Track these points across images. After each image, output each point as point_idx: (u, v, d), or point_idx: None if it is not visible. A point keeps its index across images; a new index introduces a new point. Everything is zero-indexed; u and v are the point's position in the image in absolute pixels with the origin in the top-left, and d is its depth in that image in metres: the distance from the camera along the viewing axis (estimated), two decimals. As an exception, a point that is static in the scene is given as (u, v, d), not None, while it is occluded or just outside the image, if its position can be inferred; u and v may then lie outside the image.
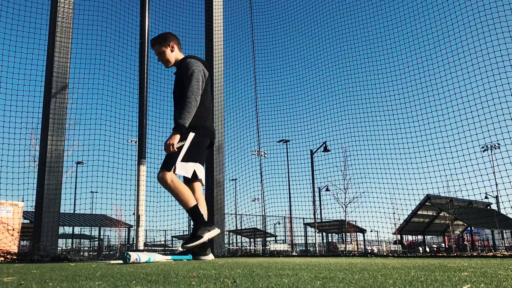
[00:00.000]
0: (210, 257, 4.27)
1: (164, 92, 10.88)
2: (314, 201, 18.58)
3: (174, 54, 4.36)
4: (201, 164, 4.33)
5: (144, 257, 3.60)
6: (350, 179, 16.56)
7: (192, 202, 4.03)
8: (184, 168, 4.05)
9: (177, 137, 3.93)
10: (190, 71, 4.06)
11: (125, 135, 9.23)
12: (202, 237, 3.95)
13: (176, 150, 3.94)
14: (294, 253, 19.53)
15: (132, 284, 1.62)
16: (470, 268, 2.70)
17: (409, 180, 10.74)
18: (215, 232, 4.10)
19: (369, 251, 27.10)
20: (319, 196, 26.55)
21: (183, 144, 4.00)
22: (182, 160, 4.00)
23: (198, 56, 4.53)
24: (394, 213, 15.96)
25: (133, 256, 3.48)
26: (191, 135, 4.07)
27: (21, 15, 7.90)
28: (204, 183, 4.46)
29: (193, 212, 4.04)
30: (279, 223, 29.00)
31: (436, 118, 10.33)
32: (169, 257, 4.15)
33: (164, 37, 4.40)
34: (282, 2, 12.82)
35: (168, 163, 3.99)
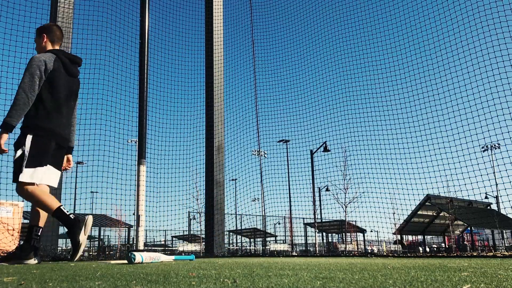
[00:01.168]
0: (33, 261, 3.83)
1: (164, 92, 10.88)
2: (314, 201, 18.56)
3: (44, 46, 4.08)
4: (54, 167, 3.93)
5: (148, 259, 3.60)
6: (350, 179, 16.54)
7: (55, 205, 3.68)
8: (31, 174, 3.65)
9: (4, 137, 3.59)
10: (27, 66, 3.74)
11: (125, 135, 9.23)
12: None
13: (17, 155, 3.66)
14: (294, 253, 19.52)
15: (132, 284, 1.62)
16: (470, 268, 2.70)
17: (409, 180, 10.75)
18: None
19: (369, 251, 27.10)
20: (319, 196, 26.53)
21: (24, 150, 3.65)
22: (27, 166, 3.63)
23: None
24: (394, 213, 15.95)
25: (138, 257, 3.48)
26: (29, 138, 3.68)
27: (21, 15, 7.90)
28: (55, 187, 3.94)
29: (59, 217, 3.68)
30: (279, 223, 28.98)
31: (436, 118, 10.34)
32: (173, 257, 4.17)
33: (41, 27, 4.16)
34: (282, 3, 12.82)
35: (16, 173, 3.65)
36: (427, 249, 27.39)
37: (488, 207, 23.35)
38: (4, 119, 3.58)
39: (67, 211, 3.69)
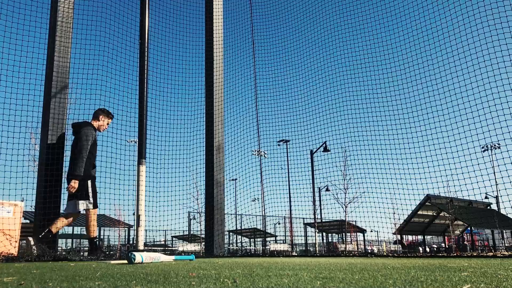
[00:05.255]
0: None
1: (164, 92, 10.89)
2: (314, 201, 18.55)
3: None
4: None
5: (148, 259, 3.59)
6: (350, 179, 16.52)
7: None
8: None
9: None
10: None
11: (125, 135, 9.23)
12: None
13: None
14: (294, 253, 19.51)
15: (132, 284, 1.62)
16: (470, 268, 2.70)
17: (409, 180, 10.74)
18: None
19: (369, 251, 27.09)
20: (319, 196, 26.51)
21: None
22: None
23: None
24: (394, 213, 15.92)
25: (138, 257, 3.48)
26: None
27: (22, 13, 7.90)
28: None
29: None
30: (279, 223, 28.96)
31: (436, 118, 10.34)
32: (173, 257, 4.18)
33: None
34: (282, 2, 12.83)
35: None
36: (427, 249, 27.38)
37: (488, 207, 23.33)
38: None
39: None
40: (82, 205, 5.34)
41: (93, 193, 5.42)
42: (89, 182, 5.45)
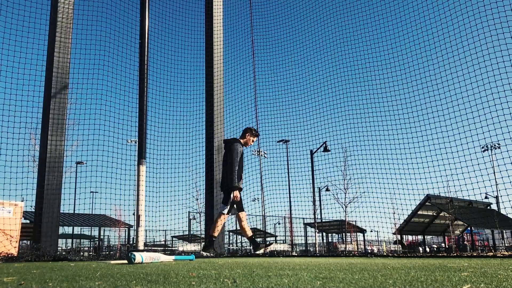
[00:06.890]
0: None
1: (164, 93, 10.89)
2: (314, 201, 18.57)
3: None
4: None
5: (148, 259, 3.59)
6: (350, 179, 16.56)
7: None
8: None
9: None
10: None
11: (125, 135, 9.24)
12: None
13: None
14: (294, 253, 19.51)
15: (132, 284, 1.63)
16: (470, 268, 2.71)
17: (409, 180, 10.75)
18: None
19: (369, 251, 27.09)
20: (319, 196, 26.52)
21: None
22: None
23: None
24: (394, 213, 15.95)
25: (138, 257, 3.47)
26: None
27: (21, 14, 7.90)
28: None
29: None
30: (279, 223, 28.97)
31: (437, 118, 10.34)
32: (173, 257, 4.17)
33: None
34: (281, 2, 12.83)
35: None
36: (427, 249, 27.39)
37: (488, 207, 23.32)
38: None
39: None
40: (221, 208, 5.93)
41: (233, 201, 5.96)
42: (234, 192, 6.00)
